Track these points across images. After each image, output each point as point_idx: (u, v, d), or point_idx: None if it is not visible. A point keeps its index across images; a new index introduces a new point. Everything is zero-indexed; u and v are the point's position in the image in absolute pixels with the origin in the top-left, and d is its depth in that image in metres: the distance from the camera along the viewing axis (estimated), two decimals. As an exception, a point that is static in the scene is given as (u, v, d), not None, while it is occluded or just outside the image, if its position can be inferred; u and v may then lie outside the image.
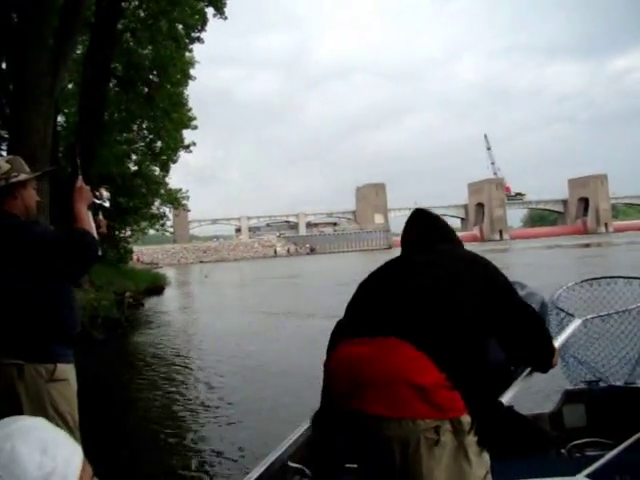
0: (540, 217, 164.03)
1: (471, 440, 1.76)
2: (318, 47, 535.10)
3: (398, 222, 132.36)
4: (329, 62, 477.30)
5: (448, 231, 2.33)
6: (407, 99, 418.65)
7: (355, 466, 2.78)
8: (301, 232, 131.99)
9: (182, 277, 49.69)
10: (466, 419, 1.76)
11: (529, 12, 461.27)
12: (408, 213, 2.42)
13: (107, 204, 2.96)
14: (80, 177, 2.88)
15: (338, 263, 53.05)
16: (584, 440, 3.07)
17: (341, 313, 2.11)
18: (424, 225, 2.31)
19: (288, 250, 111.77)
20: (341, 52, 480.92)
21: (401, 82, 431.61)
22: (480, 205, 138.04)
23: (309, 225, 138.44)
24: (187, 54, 21.44)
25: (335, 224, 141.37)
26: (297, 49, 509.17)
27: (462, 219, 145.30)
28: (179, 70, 20.29)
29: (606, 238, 74.93)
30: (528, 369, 2.37)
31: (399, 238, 2.35)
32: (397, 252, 2.33)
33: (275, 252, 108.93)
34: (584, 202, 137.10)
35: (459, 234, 2.43)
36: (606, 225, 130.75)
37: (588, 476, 2.00)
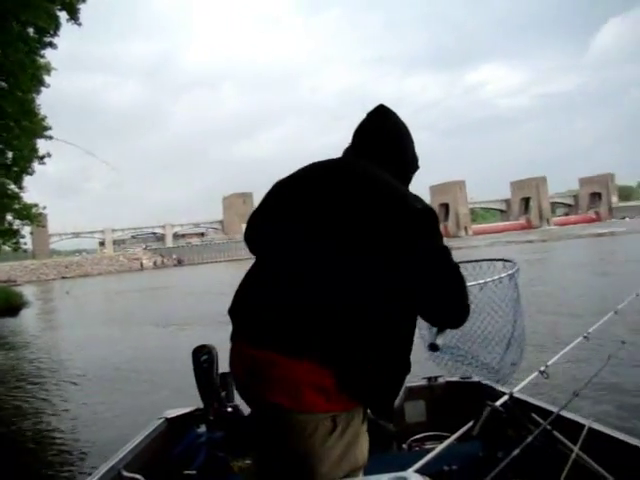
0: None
1: (363, 429, 1.86)
2: (185, 55, 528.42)
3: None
4: (196, 70, 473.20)
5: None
6: (275, 108, 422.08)
7: (193, 472, 2.76)
8: (168, 244, 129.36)
9: (42, 295, 47.24)
10: (359, 411, 1.82)
11: (391, 27, 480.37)
12: None
13: None
14: None
15: (205, 273, 52.72)
16: (423, 434, 3.26)
17: (193, 322, 2.06)
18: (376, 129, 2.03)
19: (155, 262, 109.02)
20: (209, 61, 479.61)
21: (270, 91, 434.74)
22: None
23: (176, 236, 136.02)
24: (41, 60, 20.38)
25: (203, 234, 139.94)
26: (163, 57, 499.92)
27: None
28: (30, 76, 19.18)
29: (467, 241, 78.86)
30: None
31: None
32: None
33: (141, 265, 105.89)
34: (445, 207, 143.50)
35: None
36: (466, 229, 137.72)
37: (421, 468, 2.07)
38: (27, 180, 25.37)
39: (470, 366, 3.28)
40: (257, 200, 2.13)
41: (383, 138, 2.01)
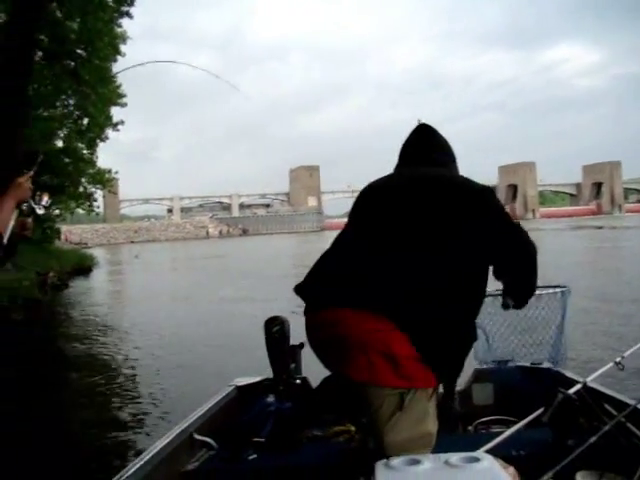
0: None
1: (431, 407, 1.97)
2: (255, 27, 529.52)
3: (331, 205, 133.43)
4: (266, 43, 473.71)
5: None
6: (344, 82, 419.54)
7: (262, 440, 2.81)
8: (234, 213, 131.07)
9: (111, 257, 48.78)
10: (429, 390, 1.93)
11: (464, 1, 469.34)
12: (341, 196, 2.41)
13: (41, 211, 2.74)
14: (31, 173, 2.64)
15: (270, 245, 53.12)
16: (490, 418, 3.22)
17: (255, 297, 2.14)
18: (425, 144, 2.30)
19: (220, 232, 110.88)
20: (278, 33, 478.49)
21: (338, 65, 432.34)
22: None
23: (242, 206, 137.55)
24: (118, 29, 20.77)
25: (268, 205, 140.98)
26: (233, 29, 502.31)
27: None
28: (107, 44, 19.58)
29: (534, 224, 77.12)
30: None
31: (332, 221, 2.37)
32: (329, 235, 2.36)
33: (207, 233, 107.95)
34: (513, 188, 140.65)
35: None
36: (533, 211, 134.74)
37: (488, 451, 2.06)
38: (100, 146, 26.04)
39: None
40: (323, 174, 2.44)
41: (439, 145, 2.31)
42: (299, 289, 2.12)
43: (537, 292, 3.05)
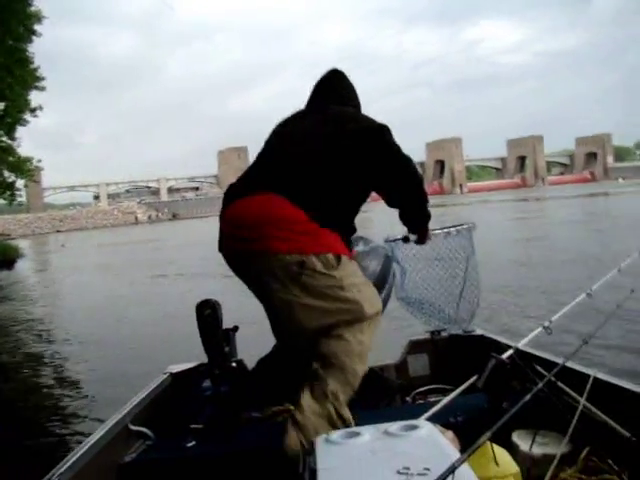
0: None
1: (337, 274, 2.17)
2: (181, 6, 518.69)
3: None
4: (192, 22, 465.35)
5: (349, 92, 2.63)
6: (276, 61, 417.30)
7: (200, 426, 2.76)
8: (163, 198, 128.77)
9: (37, 248, 47.35)
10: (330, 256, 2.16)
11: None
12: None
13: None
14: None
15: (199, 227, 52.73)
16: (427, 387, 3.26)
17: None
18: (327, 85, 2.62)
19: (149, 217, 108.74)
20: (204, 12, 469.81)
21: (266, 44, 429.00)
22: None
23: (171, 190, 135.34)
24: (32, 8, 19.92)
25: (197, 189, 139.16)
26: (158, 8, 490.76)
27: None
28: (20, 23, 18.75)
29: (461, 199, 78.77)
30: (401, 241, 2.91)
31: None
32: None
33: (136, 219, 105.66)
34: (440, 164, 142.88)
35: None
36: (461, 186, 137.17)
37: (427, 419, 2.08)
38: (21, 132, 25.10)
39: (432, 317, 3.49)
40: (252, 154, 2.55)
41: (348, 87, 2.64)
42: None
43: (444, 230, 3.24)
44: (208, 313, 3.16)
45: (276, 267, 2.13)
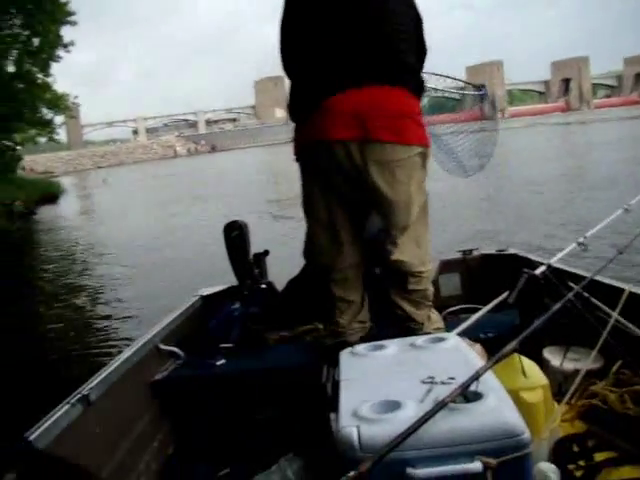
0: (440, 105, 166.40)
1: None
2: None
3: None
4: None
5: None
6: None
7: (230, 345, 2.79)
8: (201, 130, 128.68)
9: (79, 183, 48.09)
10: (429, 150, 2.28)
11: None
12: None
13: None
14: None
15: (240, 159, 52.73)
16: (458, 307, 3.22)
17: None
18: None
19: (188, 150, 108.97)
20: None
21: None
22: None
23: (209, 122, 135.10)
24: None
25: (235, 120, 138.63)
26: None
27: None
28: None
29: (504, 123, 76.73)
30: None
31: None
32: None
33: (175, 152, 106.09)
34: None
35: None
36: (502, 111, 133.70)
37: (458, 334, 2.06)
38: (56, 69, 25.13)
39: (448, 158, 3.32)
40: (288, 84, 2.34)
41: None
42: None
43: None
44: (236, 235, 3.19)
45: (403, 158, 2.15)
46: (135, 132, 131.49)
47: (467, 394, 1.36)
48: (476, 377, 1.35)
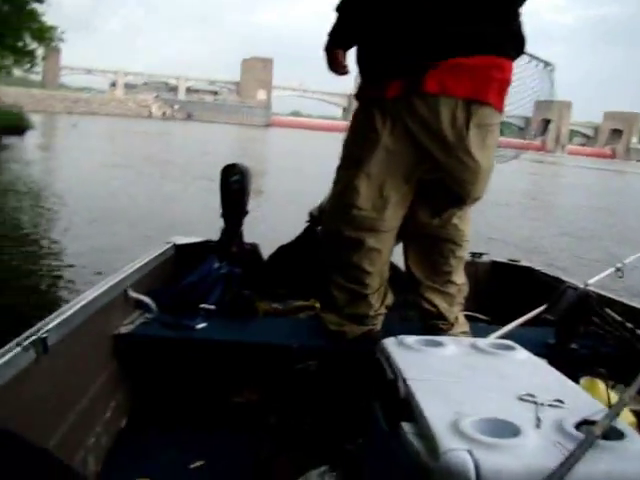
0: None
1: None
2: None
3: (279, 101, 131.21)
4: None
5: None
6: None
7: (213, 307, 2.43)
8: (180, 96, 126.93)
9: (47, 123, 47.06)
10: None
11: None
12: (291, 94, 2.11)
13: None
14: None
15: (216, 131, 52.40)
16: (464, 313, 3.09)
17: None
18: None
19: (164, 113, 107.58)
20: None
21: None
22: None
23: (189, 91, 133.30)
24: None
25: (216, 93, 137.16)
26: None
27: (344, 109, 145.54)
28: None
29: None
30: None
31: (279, 118, 2.10)
32: (276, 131, 2.05)
33: (150, 113, 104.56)
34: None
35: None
36: (563, 147, 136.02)
37: None
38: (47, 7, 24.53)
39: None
40: (277, 68, 2.09)
41: None
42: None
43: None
44: (235, 179, 2.85)
45: (496, 123, 2.14)
46: (113, 85, 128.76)
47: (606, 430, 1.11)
48: (620, 408, 1.13)
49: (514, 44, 2.10)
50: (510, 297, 2.86)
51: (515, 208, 15.18)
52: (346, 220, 2.18)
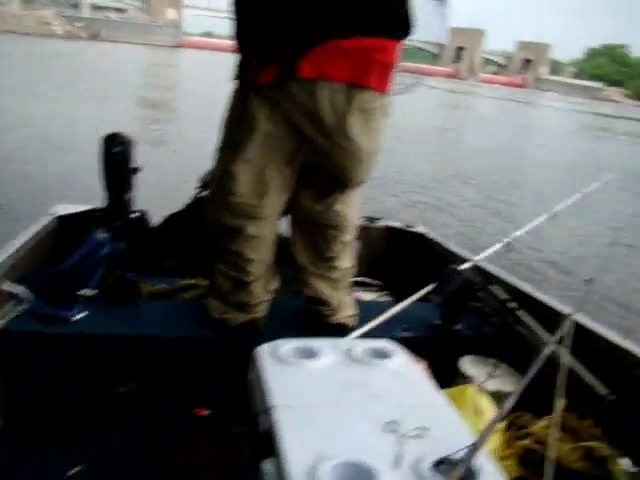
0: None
1: None
2: None
3: (191, 22, 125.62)
4: None
5: None
6: None
7: (93, 292, 2.32)
8: (84, 14, 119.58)
9: None
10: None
11: None
12: (204, 13, 2.06)
13: None
14: None
15: (130, 54, 49.78)
16: (355, 279, 3.10)
17: None
18: None
19: (67, 32, 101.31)
20: None
21: None
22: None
23: (94, 7, 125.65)
24: None
25: (123, 11, 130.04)
26: None
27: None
28: None
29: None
30: None
31: (191, 38, 2.04)
32: (186, 52, 2.01)
33: (52, 31, 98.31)
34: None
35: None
36: (475, 76, 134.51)
37: (375, 328, 2.04)
38: None
39: None
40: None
41: None
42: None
43: None
44: (118, 150, 2.71)
45: (383, 104, 2.12)
46: None
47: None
48: (473, 451, 1.08)
49: (399, 24, 2.07)
50: (403, 262, 2.88)
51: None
52: (225, 207, 2.15)
